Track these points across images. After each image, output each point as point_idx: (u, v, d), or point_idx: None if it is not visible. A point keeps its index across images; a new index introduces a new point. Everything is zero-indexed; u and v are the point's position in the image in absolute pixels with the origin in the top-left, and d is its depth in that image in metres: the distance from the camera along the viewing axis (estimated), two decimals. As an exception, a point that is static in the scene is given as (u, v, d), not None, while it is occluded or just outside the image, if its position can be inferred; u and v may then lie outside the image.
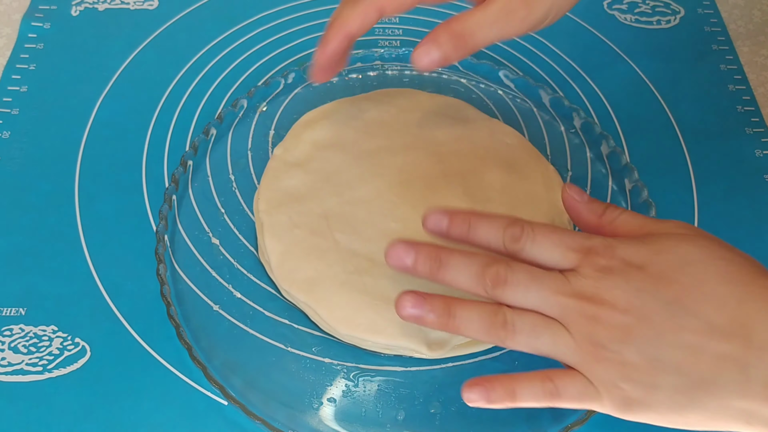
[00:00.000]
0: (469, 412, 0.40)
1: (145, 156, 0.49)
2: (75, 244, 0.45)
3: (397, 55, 0.54)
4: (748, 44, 0.59)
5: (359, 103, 0.50)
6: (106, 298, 0.43)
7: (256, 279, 0.44)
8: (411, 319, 0.35)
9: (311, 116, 0.49)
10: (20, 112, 0.51)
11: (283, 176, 0.46)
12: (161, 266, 0.42)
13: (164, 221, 0.44)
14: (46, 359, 0.41)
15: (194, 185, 0.48)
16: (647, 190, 0.47)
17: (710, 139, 0.52)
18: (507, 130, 0.49)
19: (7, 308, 0.43)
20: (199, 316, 0.42)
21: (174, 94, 0.53)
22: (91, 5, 0.59)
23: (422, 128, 0.48)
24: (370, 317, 0.40)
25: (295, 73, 0.53)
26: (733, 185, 0.50)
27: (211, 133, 0.49)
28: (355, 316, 0.40)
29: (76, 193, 0.48)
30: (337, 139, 0.47)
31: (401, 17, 0.59)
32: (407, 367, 0.41)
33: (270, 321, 0.42)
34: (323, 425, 0.39)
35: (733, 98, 0.55)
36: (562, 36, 0.58)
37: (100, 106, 0.52)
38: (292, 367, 0.41)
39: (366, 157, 0.47)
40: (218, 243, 0.45)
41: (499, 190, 0.45)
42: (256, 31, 0.57)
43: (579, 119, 0.51)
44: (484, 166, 0.46)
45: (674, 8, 0.61)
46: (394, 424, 0.39)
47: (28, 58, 0.55)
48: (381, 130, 0.48)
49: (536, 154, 0.48)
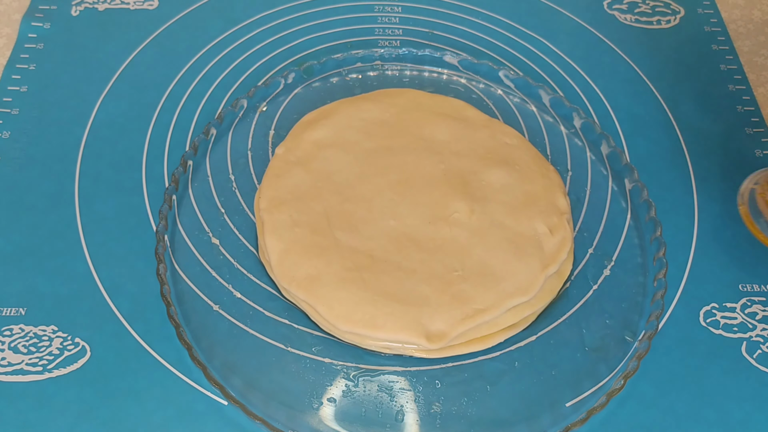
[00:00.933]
0: (469, 412, 0.40)
1: (145, 156, 0.49)
2: (75, 244, 0.45)
3: (397, 55, 0.54)
4: (748, 44, 0.59)
5: (359, 103, 0.50)
6: (106, 298, 0.43)
7: (256, 279, 0.44)
8: None
9: (312, 116, 0.49)
10: (20, 112, 0.52)
11: (284, 175, 0.46)
12: (161, 266, 0.42)
13: (164, 221, 0.44)
14: (46, 359, 0.41)
15: (194, 185, 0.48)
16: (647, 190, 0.47)
17: (710, 139, 0.52)
18: (507, 130, 0.49)
19: (7, 308, 0.43)
20: (199, 316, 0.42)
21: (174, 94, 0.53)
22: (91, 5, 0.59)
23: (422, 128, 0.48)
24: (369, 312, 0.40)
25: (295, 73, 0.53)
26: (733, 185, 0.50)
27: (211, 133, 0.49)
28: (354, 312, 0.40)
29: (76, 193, 0.48)
30: (337, 139, 0.48)
31: (401, 17, 0.59)
32: (407, 367, 0.41)
33: (270, 321, 0.42)
34: (323, 425, 0.39)
35: (733, 98, 0.55)
36: (562, 36, 0.58)
37: (100, 106, 0.52)
38: (292, 367, 0.41)
39: (366, 157, 0.47)
40: (218, 243, 0.45)
41: (498, 190, 0.45)
42: (256, 31, 0.57)
43: (579, 119, 0.51)
44: (484, 166, 0.46)
45: (674, 8, 0.61)
46: (394, 424, 0.39)
47: (28, 58, 0.55)
48: (381, 130, 0.48)
49: (536, 155, 0.48)
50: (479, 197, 0.45)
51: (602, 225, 0.47)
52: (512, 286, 0.41)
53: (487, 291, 0.41)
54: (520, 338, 0.42)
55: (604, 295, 0.44)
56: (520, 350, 0.42)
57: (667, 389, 0.41)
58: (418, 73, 0.54)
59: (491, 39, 0.58)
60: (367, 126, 0.48)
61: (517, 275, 0.42)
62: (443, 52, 0.54)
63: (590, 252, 0.46)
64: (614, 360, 0.42)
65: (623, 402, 0.41)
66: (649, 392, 0.41)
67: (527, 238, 0.43)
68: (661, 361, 0.42)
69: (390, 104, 0.50)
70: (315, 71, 0.54)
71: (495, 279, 0.42)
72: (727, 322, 0.44)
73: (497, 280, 0.42)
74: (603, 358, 0.42)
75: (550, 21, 0.60)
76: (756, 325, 0.44)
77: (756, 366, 0.42)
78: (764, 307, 0.44)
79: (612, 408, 0.40)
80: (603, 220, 0.47)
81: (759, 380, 0.42)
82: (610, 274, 0.45)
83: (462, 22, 0.59)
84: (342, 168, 0.46)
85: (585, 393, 0.40)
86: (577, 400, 0.40)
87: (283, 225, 0.43)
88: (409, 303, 0.41)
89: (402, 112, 0.49)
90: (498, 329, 0.41)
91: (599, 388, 0.41)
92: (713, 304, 0.45)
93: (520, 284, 0.42)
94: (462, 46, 0.57)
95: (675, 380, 0.42)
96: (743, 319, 0.44)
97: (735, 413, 0.41)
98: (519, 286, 0.41)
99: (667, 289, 0.44)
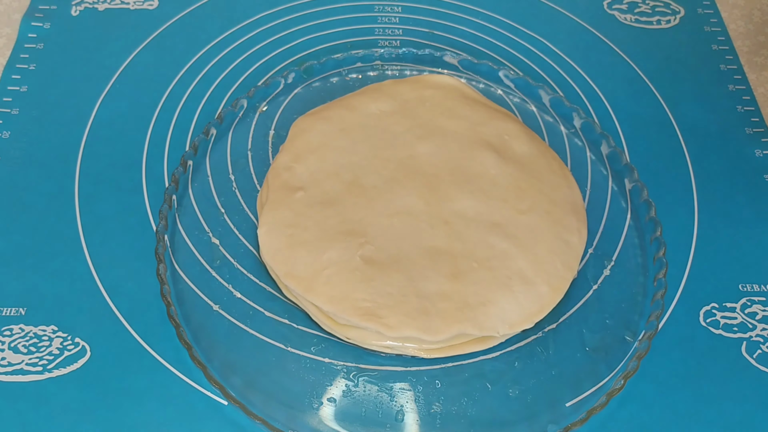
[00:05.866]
0: (469, 412, 0.40)
1: (145, 156, 0.49)
2: (75, 244, 0.45)
3: (397, 55, 0.54)
4: (748, 44, 0.59)
5: (359, 97, 0.50)
6: (106, 298, 0.43)
7: (256, 279, 0.44)
8: None
9: (312, 113, 0.49)
10: (20, 112, 0.52)
11: (285, 173, 0.46)
12: (161, 266, 0.42)
13: (164, 221, 0.44)
14: (46, 359, 0.41)
15: (194, 185, 0.48)
16: (647, 190, 0.47)
17: (710, 139, 0.52)
18: (516, 127, 0.49)
19: (7, 308, 0.43)
20: (199, 316, 0.42)
21: (174, 94, 0.53)
22: (91, 5, 0.59)
23: (426, 120, 0.48)
24: (370, 306, 0.40)
25: (295, 73, 0.53)
26: (733, 185, 0.50)
27: (211, 133, 0.49)
28: (354, 307, 0.40)
29: (76, 193, 0.48)
30: (338, 135, 0.47)
31: (401, 17, 0.59)
32: (407, 367, 0.41)
33: (270, 321, 0.42)
34: (323, 425, 0.39)
35: (733, 98, 0.55)
36: (562, 36, 0.58)
37: (100, 106, 0.52)
38: (292, 367, 0.41)
39: (369, 150, 0.46)
40: (218, 243, 0.45)
41: (505, 186, 0.45)
42: (256, 31, 0.57)
43: (579, 119, 0.51)
44: (491, 160, 0.46)
45: (674, 8, 0.61)
46: (394, 424, 0.39)
47: (28, 58, 0.55)
48: (381, 122, 0.48)
49: (545, 150, 0.48)
50: (484, 188, 0.45)
51: (602, 225, 0.47)
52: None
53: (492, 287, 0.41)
54: (520, 338, 0.42)
55: (604, 295, 0.44)
56: (520, 350, 0.42)
57: (667, 389, 0.41)
58: (418, 73, 0.54)
59: (491, 39, 0.58)
60: (368, 119, 0.48)
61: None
62: (443, 52, 0.54)
63: (590, 252, 0.46)
64: (614, 360, 0.42)
65: (623, 402, 0.41)
66: (649, 392, 0.41)
67: (536, 236, 0.43)
68: (661, 361, 0.42)
69: (390, 96, 0.49)
70: (315, 71, 0.54)
71: (502, 275, 0.42)
72: (727, 322, 0.44)
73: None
74: (603, 358, 0.42)
75: (550, 21, 0.60)
76: (756, 325, 0.44)
77: (756, 366, 0.42)
78: (764, 307, 0.44)
79: (612, 408, 0.40)
80: (603, 220, 0.47)
81: (759, 380, 0.42)
82: (610, 274, 0.45)
83: (462, 22, 0.59)
84: (344, 163, 0.46)
85: (585, 393, 0.40)
86: (577, 400, 0.40)
87: (284, 222, 0.43)
88: (411, 297, 0.40)
89: (404, 103, 0.49)
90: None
91: (599, 388, 0.41)
92: (713, 304, 0.45)
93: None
94: (462, 46, 0.57)
95: (675, 380, 0.42)
96: (743, 319, 0.44)
97: (735, 413, 0.41)
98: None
99: (667, 289, 0.44)
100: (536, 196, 0.45)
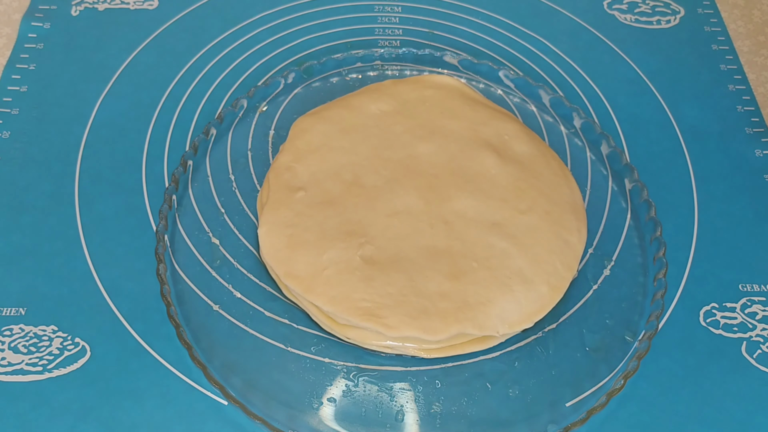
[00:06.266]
0: (469, 412, 0.40)
1: (145, 156, 0.49)
2: (75, 244, 0.45)
3: (397, 55, 0.54)
4: (748, 44, 0.59)
5: (359, 97, 0.50)
6: (106, 298, 0.43)
7: (256, 279, 0.44)
8: None
9: (311, 113, 0.49)
10: (20, 112, 0.52)
11: (286, 173, 0.46)
12: (161, 266, 0.42)
13: (164, 221, 0.44)
14: (46, 359, 0.41)
15: (194, 185, 0.48)
16: (647, 190, 0.47)
17: (710, 139, 0.52)
18: (516, 127, 0.49)
19: (7, 308, 0.43)
20: (199, 316, 0.42)
21: (174, 94, 0.53)
22: (91, 5, 0.59)
23: (426, 120, 0.48)
24: (369, 306, 0.40)
25: (295, 73, 0.53)
26: (733, 185, 0.50)
27: (211, 133, 0.49)
28: (354, 307, 0.40)
29: (76, 193, 0.48)
30: (338, 135, 0.47)
31: (401, 17, 0.59)
32: (407, 367, 0.41)
33: (270, 321, 0.42)
34: (323, 425, 0.39)
35: (733, 98, 0.55)
36: (562, 36, 0.58)
37: (100, 106, 0.52)
38: (292, 367, 0.41)
39: (369, 150, 0.46)
40: (218, 243, 0.45)
41: (505, 186, 0.45)
42: (256, 31, 0.57)
43: (579, 119, 0.51)
44: (490, 160, 0.46)
45: (674, 8, 0.61)
46: (394, 424, 0.39)
47: (28, 58, 0.55)
48: (381, 122, 0.48)
49: (545, 150, 0.48)
50: (484, 188, 0.45)
51: (602, 225, 0.47)
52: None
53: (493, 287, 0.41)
54: (520, 338, 0.42)
55: (604, 295, 0.44)
56: (520, 350, 0.42)
57: (667, 389, 0.41)
58: (419, 73, 0.54)
59: (491, 39, 0.58)
60: (367, 119, 0.48)
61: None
62: (443, 52, 0.54)
63: (590, 252, 0.46)
64: (614, 360, 0.42)
65: (623, 402, 0.41)
66: (649, 392, 0.41)
67: (536, 235, 0.43)
68: (661, 361, 0.42)
69: (391, 96, 0.49)
70: (315, 71, 0.54)
71: (503, 275, 0.42)
72: (727, 322, 0.44)
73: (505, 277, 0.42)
74: (603, 358, 0.42)
75: (550, 21, 0.60)
76: (756, 325, 0.44)
77: (756, 366, 0.42)
78: (764, 307, 0.44)
79: (612, 408, 0.40)
80: (603, 220, 0.47)
81: (759, 380, 0.42)
82: (610, 274, 0.45)
83: (462, 22, 0.59)
84: (344, 162, 0.46)
85: (585, 393, 0.41)
86: (577, 400, 0.40)
87: (284, 222, 0.43)
88: (410, 297, 0.40)
89: (404, 103, 0.49)
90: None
91: (599, 388, 0.41)
92: (713, 304, 0.45)
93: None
94: (462, 46, 0.57)
95: (675, 380, 0.42)
96: (743, 319, 0.44)
97: (735, 413, 0.41)
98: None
99: (667, 289, 0.44)
100: (536, 196, 0.45)
